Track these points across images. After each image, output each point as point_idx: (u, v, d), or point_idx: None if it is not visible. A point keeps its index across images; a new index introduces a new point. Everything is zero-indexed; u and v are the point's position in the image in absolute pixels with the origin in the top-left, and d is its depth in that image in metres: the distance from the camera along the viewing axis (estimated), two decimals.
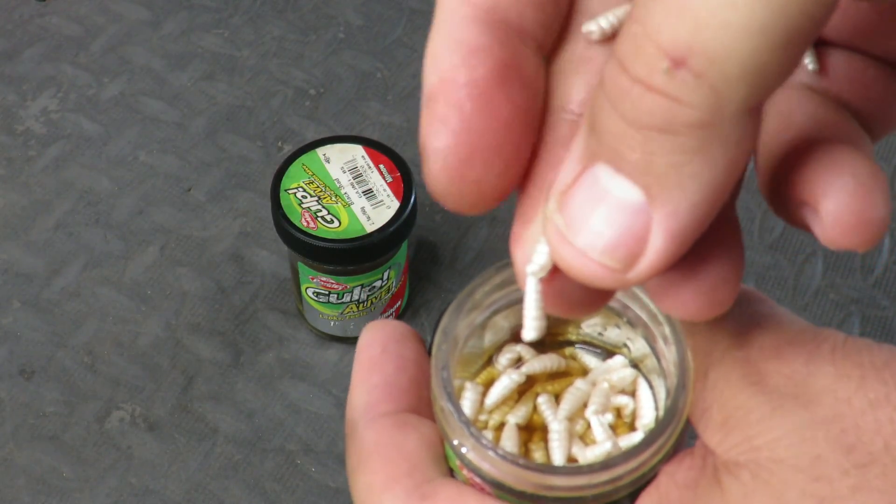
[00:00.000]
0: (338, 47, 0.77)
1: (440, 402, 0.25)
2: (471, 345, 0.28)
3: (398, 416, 0.27)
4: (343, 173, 0.59)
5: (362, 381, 0.27)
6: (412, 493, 0.25)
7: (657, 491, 0.24)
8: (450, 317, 0.26)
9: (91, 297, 0.65)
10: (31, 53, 0.77)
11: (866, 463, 0.22)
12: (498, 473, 0.24)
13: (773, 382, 0.23)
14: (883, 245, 0.68)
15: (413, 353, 0.28)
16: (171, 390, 0.62)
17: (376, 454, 0.26)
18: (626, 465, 0.24)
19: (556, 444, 0.26)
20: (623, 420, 0.27)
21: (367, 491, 0.26)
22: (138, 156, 0.72)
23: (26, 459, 0.59)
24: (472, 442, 0.24)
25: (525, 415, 0.27)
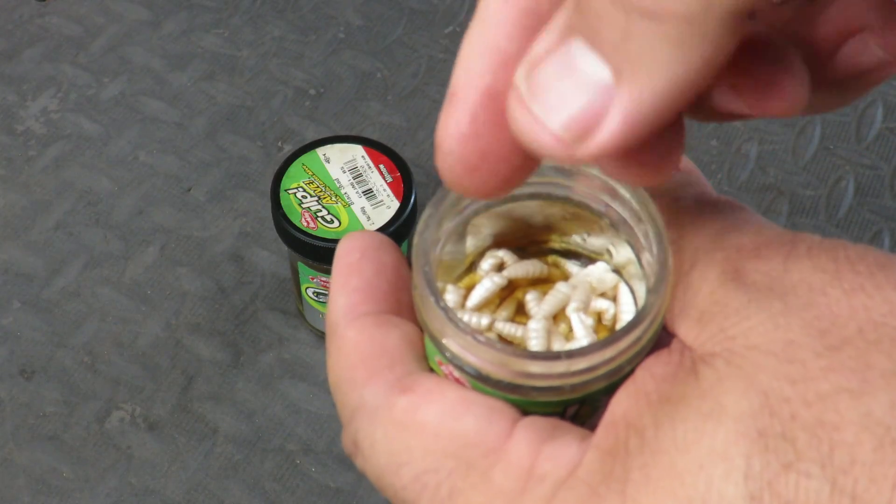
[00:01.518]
0: (338, 47, 0.77)
1: (420, 290, 0.25)
2: (451, 250, 0.28)
3: (379, 316, 0.27)
4: (343, 173, 0.59)
5: (342, 285, 0.28)
6: (393, 385, 0.25)
7: (633, 384, 0.24)
8: (431, 207, 0.26)
9: (91, 297, 0.65)
10: (31, 53, 0.77)
11: (839, 345, 0.22)
12: (477, 361, 0.24)
13: (751, 279, 0.24)
14: (883, 245, 0.68)
15: (391, 258, 0.28)
16: (171, 390, 0.62)
17: (356, 350, 0.26)
18: (602, 353, 0.24)
19: (534, 342, 0.26)
20: (604, 324, 0.27)
21: (348, 387, 0.26)
22: (138, 156, 0.72)
23: (26, 459, 0.59)
24: (453, 329, 0.24)
25: (507, 317, 0.27)
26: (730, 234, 0.25)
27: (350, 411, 0.26)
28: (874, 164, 0.72)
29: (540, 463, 0.23)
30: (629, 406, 0.23)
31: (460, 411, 0.24)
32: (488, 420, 0.24)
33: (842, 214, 0.70)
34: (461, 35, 0.23)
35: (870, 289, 0.22)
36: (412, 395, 0.25)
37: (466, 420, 0.24)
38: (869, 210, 0.70)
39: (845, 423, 0.21)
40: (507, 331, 0.27)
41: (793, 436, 0.21)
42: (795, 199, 0.71)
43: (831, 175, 0.72)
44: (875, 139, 0.73)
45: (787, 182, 0.71)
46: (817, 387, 0.21)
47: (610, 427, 0.23)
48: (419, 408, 0.25)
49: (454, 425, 0.24)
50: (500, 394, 0.25)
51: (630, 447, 0.23)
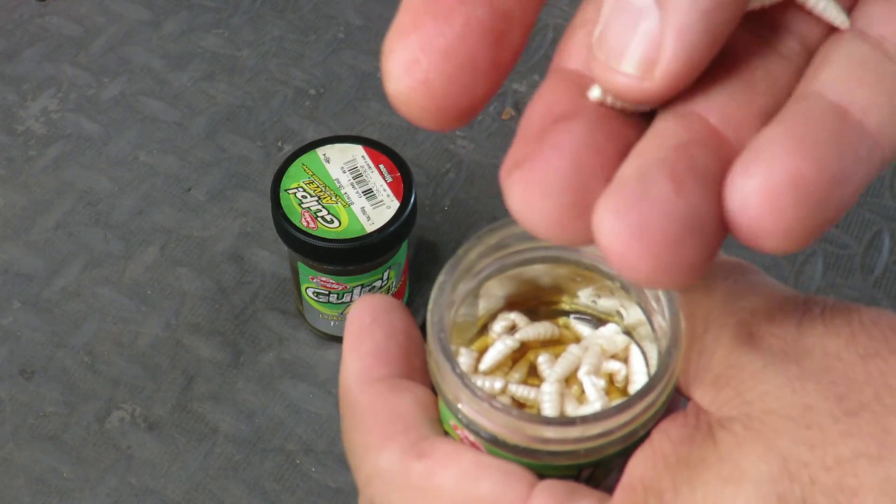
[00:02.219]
0: (338, 47, 0.77)
1: (435, 355, 0.25)
2: (464, 313, 0.28)
3: (392, 380, 0.27)
4: (343, 173, 0.59)
5: (354, 349, 0.28)
6: (409, 450, 0.25)
7: (650, 447, 0.24)
8: (445, 274, 0.26)
9: (91, 297, 0.65)
10: (31, 53, 0.77)
11: (857, 410, 0.22)
12: (492, 426, 0.24)
13: (765, 343, 0.24)
14: (883, 245, 0.68)
15: (402, 322, 0.28)
16: (171, 390, 0.62)
17: (371, 415, 0.26)
18: (618, 418, 0.24)
19: (547, 405, 0.26)
20: (616, 386, 0.27)
21: (363, 451, 0.26)
22: (138, 156, 0.72)
23: (26, 459, 0.59)
24: (468, 395, 0.24)
25: (520, 380, 0.27)
26: (742, 297, 0.25)
27: (366, 477, 0.26)
28: None
29: None
30: (647, 469, 0.23)
31: (477, 475, 0.24)
32: (505, 484, 0.24)
33: None
34: None
35: (885, 354, 0.23)
36: (428, 459, 0.25)
37: (484, 484, 0.24)
38: (869, 210, 0.70)
39: (864, 488, 0.21)
40: (520, 393, 0.27)
41: (812, 500, 0.21)
42: None
43: None
44: None
45: None
46: (836, 451, 0.21)
47: (628, 490, 0.23)
48: (436, 472, 0.25)
49: (472, 489, 0.24)
50: (516, 458, 0.25)
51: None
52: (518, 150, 0.22)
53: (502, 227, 0.27)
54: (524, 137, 0.22)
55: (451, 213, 0.69)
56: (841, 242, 0.68)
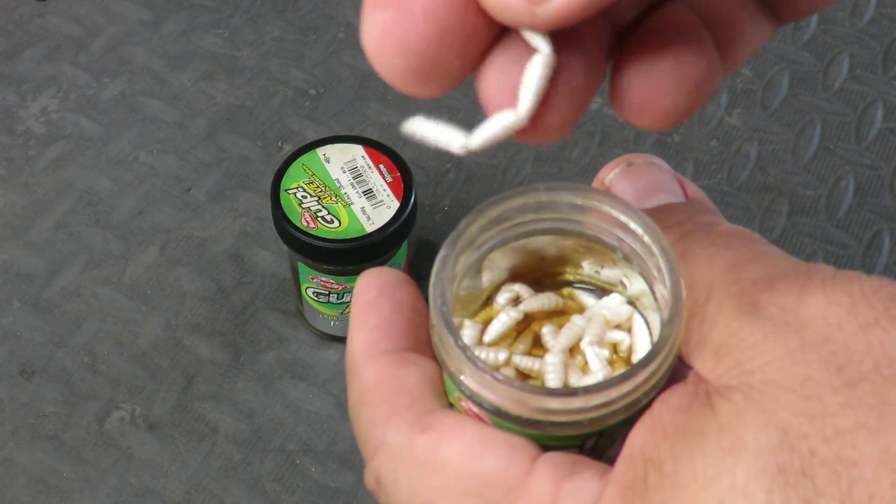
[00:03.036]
0: (338, 47, 0.77)
1: (438, 329, 0.25)
2: (468, 285, 0.28)
3: (398, 354, 0.27)
4: (343, 173, 0.59)
5: (360, 322, 0.28)
6: (414, 424, 0.26)
7: (650, 417, 0.24)
8: (447, 248, 0.26)
9: (91, 297, 0.65)
10: (31, 53, 0.77)
11: (856, 381, 0.22)
12: (495, 398, 0.24)
13: (766, 312, 0.24)
14: (883, 245, 0.68)
15: (409, 296, 0.28)
16: (171, 390, 0.62)
17: (377, 389, 0.27)
18: (619, 388, 0.24)
19: (551, 376, 0.26)
20: (619, 356, 0.27)
21: (369, 425, 0.26)
22: (138, 156, 0.72)
23: (26, 459, 0.59)
24: (471, 367, 0.24)
25: (524, 351, 0.27)
26: (744, 267, 0.25)
27: (372, 449, 0.26)
28: (874, 164, 0.72)
29: (560, 499, 0.24)
30: (646, 439, 0.24)
31: (481, 449, 0.25)
32: (509, 457, 0.24)
33: (842, 214, 0.70)
34: None
35: (885, 323, 0.23)
36: (433, 433, 0.25)
37: (487, 458, 0.24)
38: (869, 210, 0.70)
39: (864, 460, 0.21)
40: (524, 364, 0.27)
41: (812, 472, 0.21)
42: (795, 199, 0.70)
43: (831, 175, 0.72)
44: (875, 139, 0.73)
45: (787, 182, 0.71)
46: (836, 423, 0.21)
47: (628, 461, 0.23)
48: (440, 446, 0.25)
49: (475, 463, 0.25)
50: (519, 429, 0.25)
51: (649, 482, 0.23)
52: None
53: (504, 199, 0.27)
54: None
55: (451, 213, 0.69)
56: (841, 242, 0.68)
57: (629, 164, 0.30)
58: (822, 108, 0.75)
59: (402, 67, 0.22)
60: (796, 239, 0.68)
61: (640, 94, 0.23)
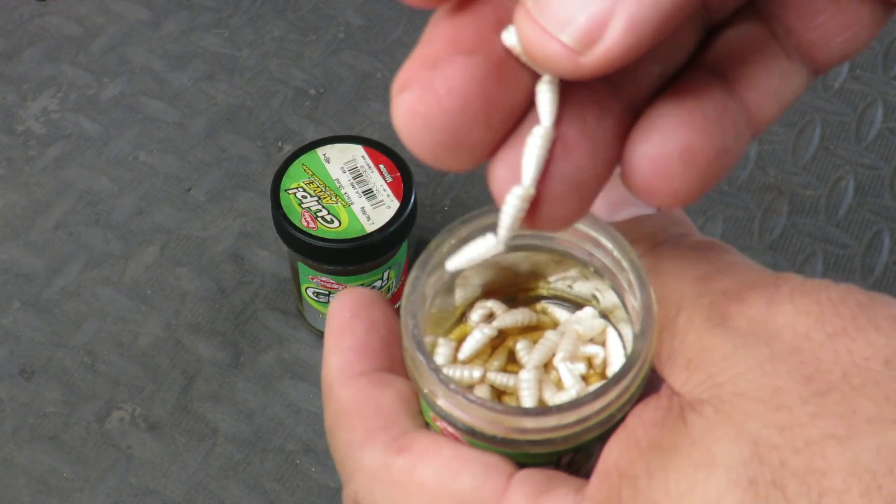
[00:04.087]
0: (338, 47, 0.77)
1: (410, 351, 0.25)
2: (441, 302, 0.28)
3: (373, 375, 0.27)
4: (343, 173, 0.59)
5: (335, 345, 0.28)
6: (390, 445, 0.26)
7: (624, 432, 0.24)
8: (417, 269, 0.26)
9: (91, 297, 0.65)
10: (31, 53, 0.77)
11: (825, 391, 0.22)
12: (469, 419, 0.25)
13: (736, 324, 0.24)
14: (883, 245, 0.68)
15: (382, 316, 0.28)
16: (171, 390, 0.62)
17: (353, 411, 0.27)
18: (593, 405, 0.24)
19: (525, 393, 0.26)
20: (594, 371, 0.27)
21: (346, 447, 0.27)
22: (138, 156, 0.72)
23: (26, 459, 0.59)
24: (444, 389, 0.25)
25: (499, 367, 0.27)
26: (714, 278, 0.25)
27: (349, 471, 0.27)
28: (874, 164, 0.72)
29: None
30: (621, 454, 0.24)
31: (456, 469, 0.25)
32: (484, 476, 0.25)
33: (842, 214, 0.70)
34: None
35: (852, 332, 0.23)
36: (409, 454, 0.25)
37: (463, 477, 0.25)
38: (869, 210, 0.70)
39: (833, 470, 0.21)
40: (499, 381, 0.27)
41: (783, 483, 0.21)
42: (795, 199, 0.71)
43: (831, 175, 0.72)
44: (875, 139, 0.73)
45: (787, 182, 0.71)
46: (805, 433, 0.21)
47: (603, 477, 0.24)
48: (416, 467, 0.25)
49: (451, 483, 0.25)
50: (495, 448, 0.25)
51: (623, 497, 0.23)
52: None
53: (473, 218, 0.27)
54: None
55: (451, 213, 0.69)
56: (841, 242, 0.68)
57: None
58: (822, 108, 0.75)
59: (430, 142, 0.22)
60: (796, 239, 0.68)
61: (646, 176, 0.23)
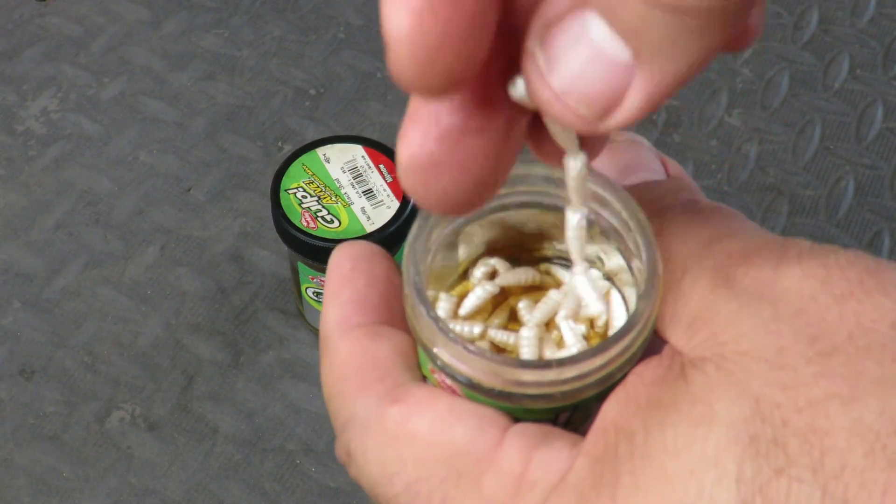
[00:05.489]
0: (338, 47, 0.77)
1: (411, 300, 0.25)
2: (443, 259, 0.28)
3: (370, 327, 0.27)
4: (343, 173, 0.59)
5: (334, 297, 0.28)
6: (384, 397, 0.26)
7: (624, 389, 0.24)
8: (421, 219, 0.26)
9: (91, 297, 0.65)
10: (31, 53, 0.77)
11: (830, 352, 0.22)
12: (468, 370, 0.24)
13: (741, 285, 0.24)
14: (883, 245, 0.68)
15: (383, 269, 0.28)
16: (171, 390, 0.62)
17: (349, 363, 0.27)
18: (593, 361, 0.24)
19: (525, 350, 0.26)
20: (596, 331, 0.27)
21: (340, 398, 0.27)
22: (138, 156, 0.72)
23: (26, 459, 0.59)
24: (443, 338, 0.24)
25: (500, 325, 0.27)
26: (721, 241, 0.25)
27: (342, 422, 0.26)
28: (874, 164, 0.72)
29: (531, 470, 0.24)
30: (619, 411, 0.23)
31: (451, 421, 0.25)
32: (479, 429, 0.24)
33: (842, 214, 0.70)
34: None
35: (860, 295, 0.23)
36: (403, 405, 0.25)
37: (457, 429, 0.25)
38: (869, 210, 0.70)
39: (836, 429, 0.21)
40: (499, 338, 0.27)
41: (784, 441, 0.21)
42: (795, 199, 0.71)
43: (831, 175, 0.72)
44: (875, 139, 0.73)
45: (787, 182, 0.71)
46: (808, 393, 0.21)
47: (600, 432, 0.23)
48: (410, 418, 0.25)
49: (445, 434, 0.25)
50: (492, 401, 0.25)
51: (620, 452, 0.23)
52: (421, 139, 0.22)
53: None
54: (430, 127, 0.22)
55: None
56: (841, 242, 0.68)
57: (611, 140, 0.30)
58: (822, 108, 0.75)
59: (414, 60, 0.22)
60: None
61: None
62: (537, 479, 0.23)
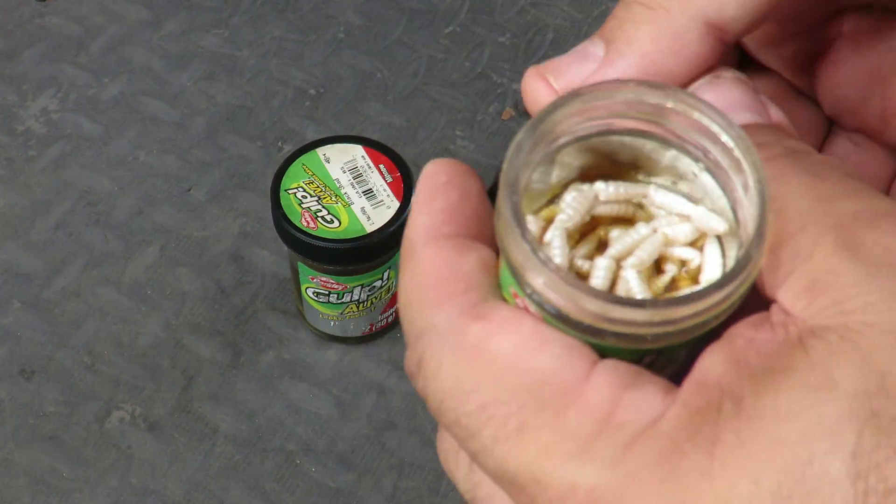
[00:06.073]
0: (338, 47, 0.77)
1: (504, 219, 0.24)
2: (536, 180, 0.26)
3: (459, 240, 0.26)
4: (343, 173, 0.59)
5: (425, 205, 0.27)
6: (467, 311, 0.24)
7: (731, 346, 0.23)
8: (524, 133, 0.24)
9: (91, 297, 0.65)
10: (31, 53, 0.77)
11: None
12: (558, 299, 0.23)
13: (868, 251, 0.23)
14: None
15: (477, 188, 0.27)
16: (171, 390, 0.62)
17: (433, 272, 0.26)
18: (690, 306, 0.22)
19: (597, 280, 0.25)
20: (686, 275, 0.25)
21: (418, 307, 0.25)
22: (138, 156, 0.72)
23: (26, 459, 0.59)
24: (535, 262, 0.23)
25: (585, 255, 0.26)
26: (841, 200, 0.24)
27: (417, 332, 0.25)
28: None
29: (619, 410, 0.22)
30: (725, 371, 0.22)
31: (536, 346, 0.23)
32: (566, 358, 0.23)
33: None
34: (461, 35, 0.23)
35: None
36: (486, 322, 0.24)
37: (543, 356, 0.23)
38: None
39: None
40: (577, 265, 0.25)
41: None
42: None
43: None
44: None
45: None
46: None
47: (701, 387, 0.22)
48: (493, 337, 0.24)
49: (530, 360, 0.23)
50: (577, 334, 0.23)
51: (724, 410, 0.22)
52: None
53: (588, 91, 0.24)
54: None
55: None
56: None
57: (716, 76, 0.28)
58: None
59: None
60: None
61: None
62: (626, 421, 0.22)
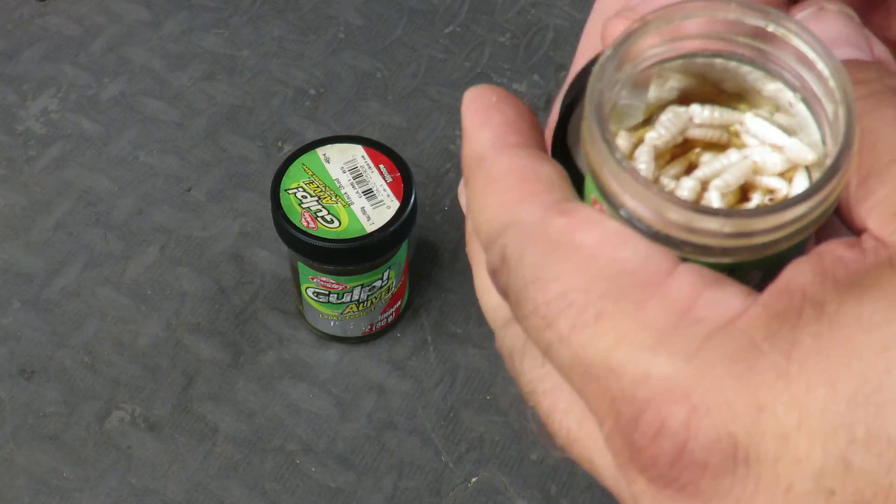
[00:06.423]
0: (338, 47, 0.77)
1: (589, 120, 0.23)
2: (630, 96, 0.26)
3: (530, 148, 0.26)
4: (343, 173, 0.59)
5: (484, 121, 0.26)
6: (551, 207, 0.24)
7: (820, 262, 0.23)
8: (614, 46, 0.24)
9: (91, 297, 0.65)
10: (31, 53, 0.77)
11: None
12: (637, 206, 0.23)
13: None
14: None
15: (526, 108, 0.27)
16: (171, 390, 0.62)
17: (511, 174, 0.25)
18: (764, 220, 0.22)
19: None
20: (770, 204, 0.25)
21: (497, 209, 0.25)
22: (138, 156, 0.72)
23: (26, 459, 0.59)
24: (614, 166, 0.23)
25: (675, 175, 0.26)
26: None
27: (498, 230, 0.25)
28: None
29: (699, 306, 0.22)
30: (811, 280, 0.22)
31: (620, 241, 0.23)
32: (649, 254, 0.23)
33: None
34: (461, 35, 0.23)
35: None
36: (571, 217, 0.24)
37: (626, 250, 0.23)
38: None
39: None
40: (669, 186, 0.25)
41: None
42: None
43: None
44: None
45: None
46: None
47: (783, 293, 0.22)
48: (577, 230, 0.24)
49: (614, 251, 0.23)
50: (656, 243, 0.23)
51: (805, 315, 0.22)
52: None
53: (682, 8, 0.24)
54: None
55: (451, 213, 0.69)
56: None
57: (820, 8, 0.28)
58: None
59: None
60: None
61: None
62: (703, 317, 0.22)
